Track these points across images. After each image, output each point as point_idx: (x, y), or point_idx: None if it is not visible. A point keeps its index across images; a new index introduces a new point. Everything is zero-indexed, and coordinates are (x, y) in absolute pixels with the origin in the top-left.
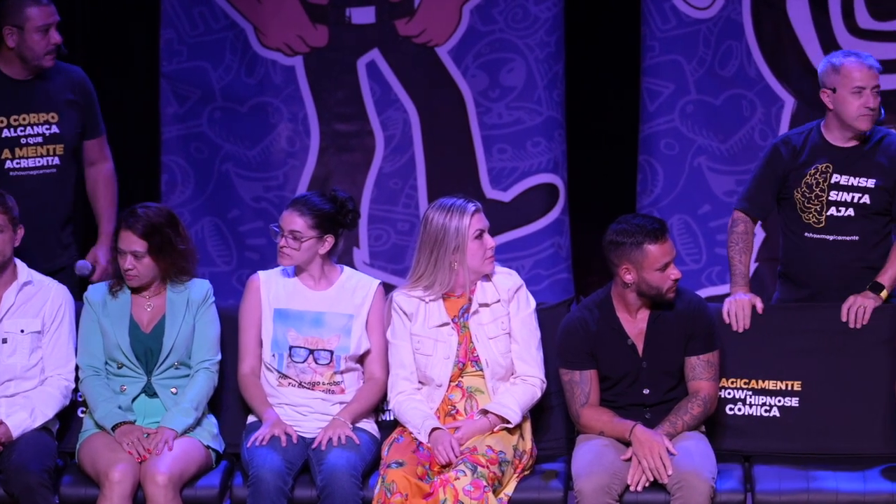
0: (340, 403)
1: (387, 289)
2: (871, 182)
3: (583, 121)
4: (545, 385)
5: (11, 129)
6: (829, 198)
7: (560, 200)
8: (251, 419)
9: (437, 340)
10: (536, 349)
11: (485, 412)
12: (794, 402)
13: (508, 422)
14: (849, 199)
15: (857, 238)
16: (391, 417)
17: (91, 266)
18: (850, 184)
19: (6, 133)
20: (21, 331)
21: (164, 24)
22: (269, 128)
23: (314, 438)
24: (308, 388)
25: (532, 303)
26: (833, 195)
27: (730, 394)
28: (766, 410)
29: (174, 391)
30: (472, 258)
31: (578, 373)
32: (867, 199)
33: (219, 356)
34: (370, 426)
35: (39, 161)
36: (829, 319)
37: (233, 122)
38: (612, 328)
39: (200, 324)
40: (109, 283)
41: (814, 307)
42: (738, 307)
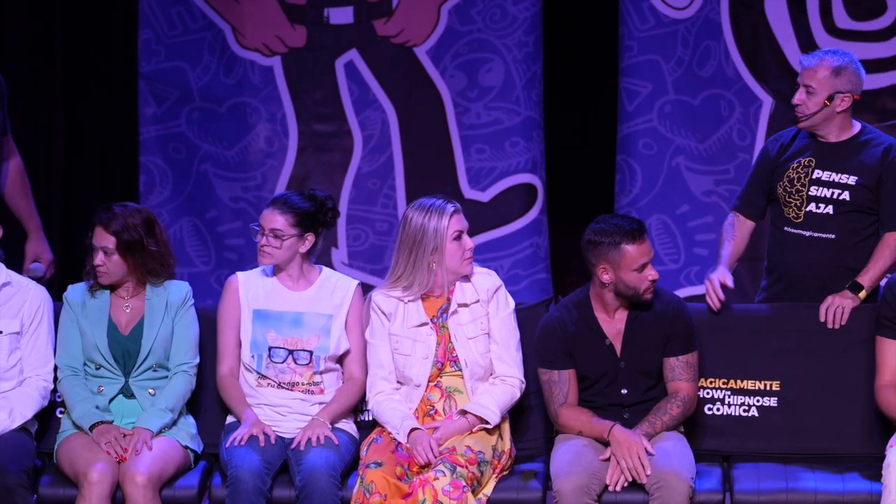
0: (320, 404)
1: (365, 289)
2: (853, 179)
3: (561, 121)
4: (524, 385)
5: None
6: (810, 193)
7: (538, 200)
8: (230, 419)
9: (416, 340)
10: (515, 349)
11: (464, 412)
12: (773, 402)
13: (487, 422)
14: (828, 195)
15: (834, 237)
16: (370, 418)
17: (42, 266)
18: (831, 179)
19: None
20: (0, 332)
21: (143, 25)
22: (248, 128)
23: (293, 439)
24: (287, 389)
25: (511, 303)
26: (813, 190)
27: (708, 394)
28: (745, 410)
29: (152, 392)
30: (451, 259)
31: (557, 372)
32: (846, 196)
33: (197, 359)
34: (349, 426)
35: None
36: (808, 319)
37: (211, 123)
38: (591, 328)
39: (179, 326)
40: (89, 283)
41: (792, 307)
42: (709, 285)
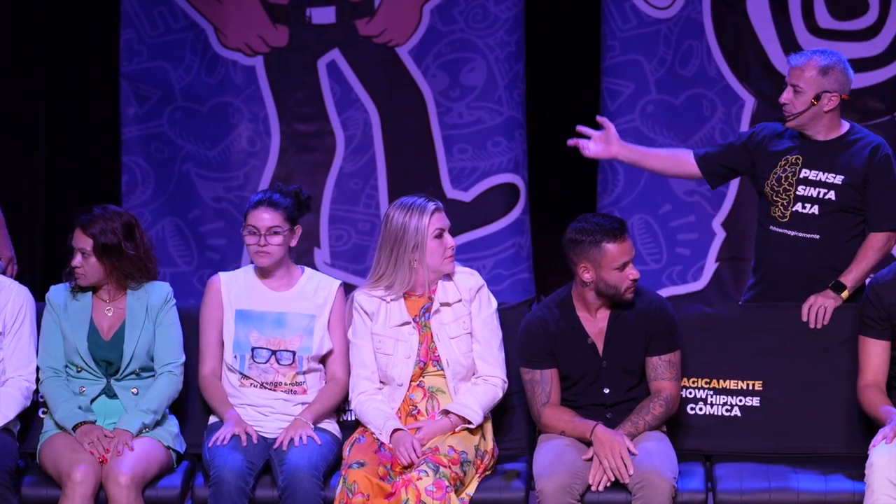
0: (302, 404)
1: (348, 289)
2: (839, 178)
3: (543, 121)
4: (507, 385)
5: None
6: (797, 192)
7: (521, 200)
8: (212, 420)
9: (398, 340)
10: (498, 349)
11: (446, 412)
12: (756, 402)
13: (470, 422)
14: (815, 195)
15: (819, 237)
16: (353, 418)
17: (1, 264)
18: (818, 179)
19: None
20: None
21: (124, 25)
22: (230, 128)
23: (276, 439)
24: (270, 389)
25: (493, 303)
26: (801, 190)
27: (691, 393)
28: (728, 410)
29: (135, 391)
30: (432, 257)
31: (539, 372)
32: (832, 195)
33: (182, 358)
34: (332, 426)
35: None
36: (790, 319)
37: (193, 123)
38: (572, 327)
39: (161, 327)
40: (70, 284)
41: (774, 307)
42: None
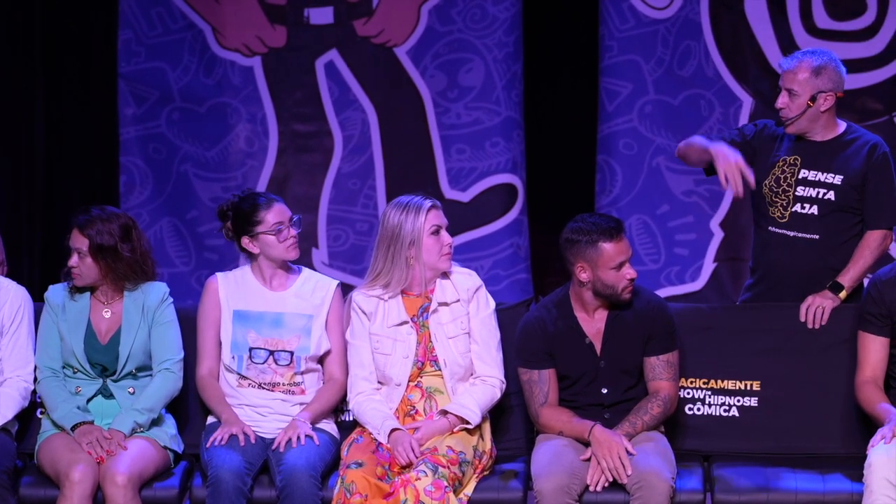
0: (300, 404)
1: (345, 289)
2: (838, 178)
3: (541, 121)
4: (504, 385)
5: None
6: (796, 193)
7: (519, 200)
8: (210, 420)
9: (396, 340)
10: (496, 350)
11: (444, 413)
12: (754, 402)
13: (468, 422)
14: (814, 195)
15: (818, 237)
16: (351, 418)
17: None
18: (817, 179)
19: None
20: None
21: (122, 25)
22: (228, 128)
23: (274, 439)
24: (268, 389)
25: (492, 303)
26: (800, 190)
27: (689, 393)
28: (726, 410)
29: (131, 391)
30: (428, 254)
31: (537, 372)
32: (832, 196)
33: (181, 354)
34: (330, 426)
35: None
36: (788, 319)
37: (191, 123)
38: (570, 327)
39: (158, 326)
40: (68, 284)
41: (772, 307)
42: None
